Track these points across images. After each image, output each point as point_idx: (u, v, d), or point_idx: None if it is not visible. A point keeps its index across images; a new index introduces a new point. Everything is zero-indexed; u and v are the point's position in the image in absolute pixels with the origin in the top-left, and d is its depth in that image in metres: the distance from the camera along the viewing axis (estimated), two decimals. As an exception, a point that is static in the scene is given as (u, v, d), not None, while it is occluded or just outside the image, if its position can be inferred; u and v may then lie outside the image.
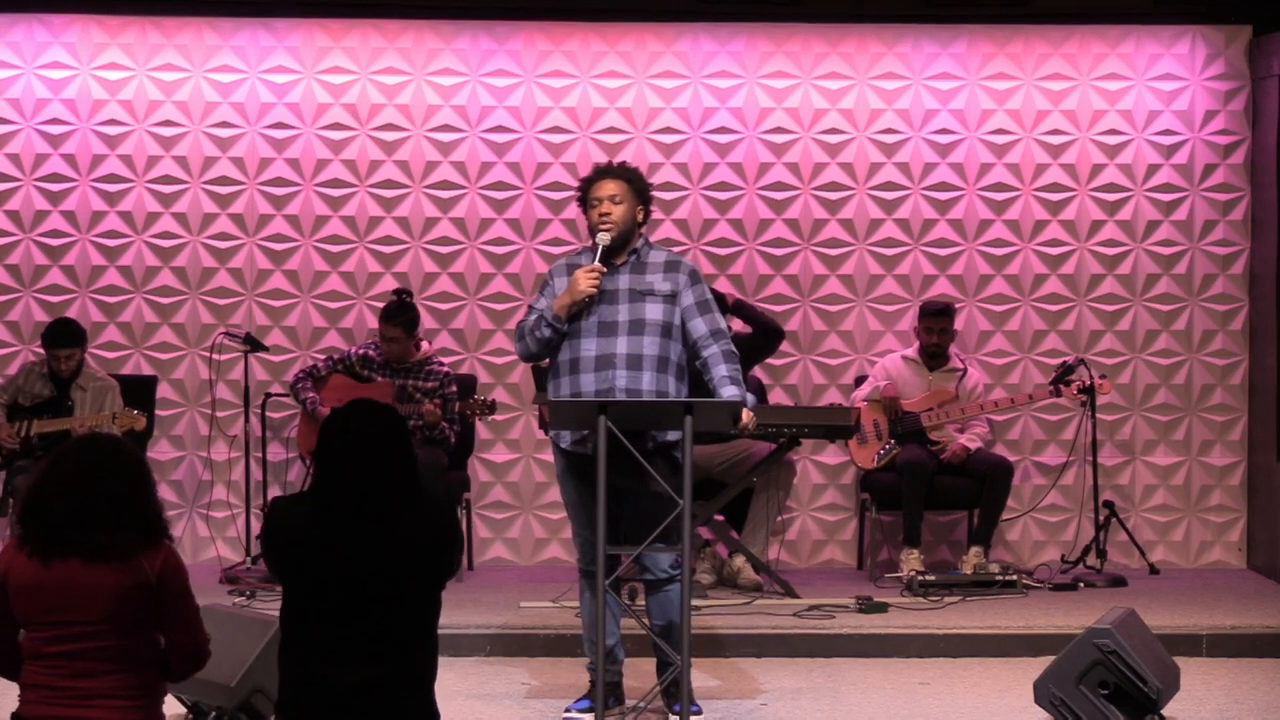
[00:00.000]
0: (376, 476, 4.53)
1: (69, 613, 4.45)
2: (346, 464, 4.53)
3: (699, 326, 6.59)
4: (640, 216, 6.65)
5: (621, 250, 6.61)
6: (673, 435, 6.49)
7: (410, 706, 4.55)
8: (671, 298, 6.58)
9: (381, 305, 9.31)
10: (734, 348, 6.62)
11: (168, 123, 9.76)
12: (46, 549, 4.46)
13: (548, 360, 6.71)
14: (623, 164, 6.84)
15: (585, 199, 6.66)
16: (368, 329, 9.64)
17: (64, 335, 9.04)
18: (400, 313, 9.14)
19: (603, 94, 9.86)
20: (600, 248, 6.55)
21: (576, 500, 6.62)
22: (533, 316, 6.63)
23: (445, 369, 9.31)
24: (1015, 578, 8.85)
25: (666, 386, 6.54)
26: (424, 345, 9.35)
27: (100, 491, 4.47)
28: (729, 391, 6.47)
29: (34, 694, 4.50)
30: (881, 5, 9.86)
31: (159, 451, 9.69)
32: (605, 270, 6.54)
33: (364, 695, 4.47)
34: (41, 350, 9.12)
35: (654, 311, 6.55)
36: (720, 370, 6.54)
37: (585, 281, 6.50)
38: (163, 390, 9.71)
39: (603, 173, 6.70)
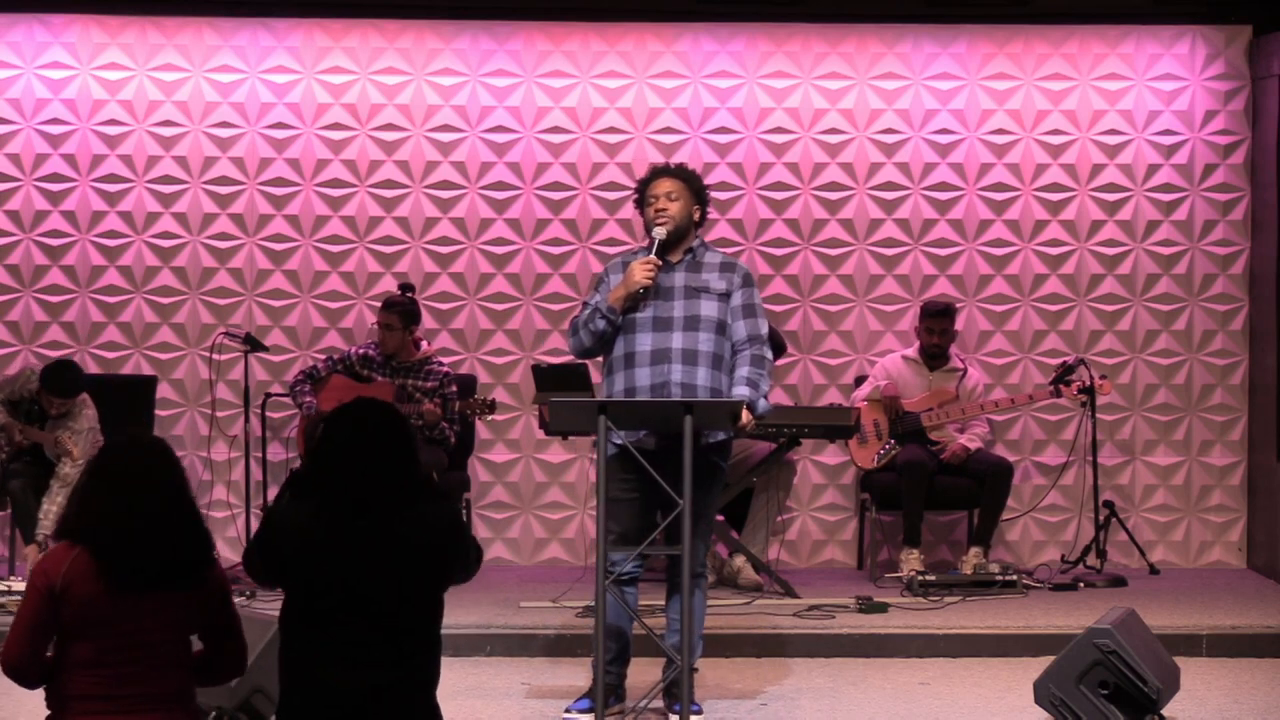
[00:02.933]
0: (375, 472, 4.51)
1: (136, 633, 4.38)
2: (346, 459, 4.52)
3: (740, 329, 6.63)
4: (696, 216, 6.70)
5: (677, 249, 6.65)
6: (720, 435, 6.58)
7: (413, 712, 4.53)
8: (726, 296, 6.64)
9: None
10: (767, 353, 6.66)
11: (168, 123, 9.76)
12: (128, 582, 4.37)
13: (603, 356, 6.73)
14: (680, 165, 6.92)
15: (642, 198, 6.70)
16: (368, 329, 9.64)
17: (59, 385, 8.65)
18: (399, 301, 9.17)
19: (603, 94, 9.86)
20: (656, 242, 6.59)
21: (621, 495, 6.49)
22: (586, 311, 6.65)
23: (445, 369, 9.31)
24: (1015, 578, 8.84)
25: (721, 384, 6.59)
26: (424, 345, 9.36)
27: (183, 526, 4.44)
28: (739, 391, 6.53)
29: (82, 704, 4.38)
30: (881, 5, 9.85)
31: (159, 451, 9.68)
32: (661, 264, 6.57)
33: (366, 699, 4.44)
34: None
35: (709, 309, 6.59)
36: (742, 371, 6.59)
37: (641, 272, 6.52)
38: (163, 390, 9.70)
39: (659, 172, 6.77)
